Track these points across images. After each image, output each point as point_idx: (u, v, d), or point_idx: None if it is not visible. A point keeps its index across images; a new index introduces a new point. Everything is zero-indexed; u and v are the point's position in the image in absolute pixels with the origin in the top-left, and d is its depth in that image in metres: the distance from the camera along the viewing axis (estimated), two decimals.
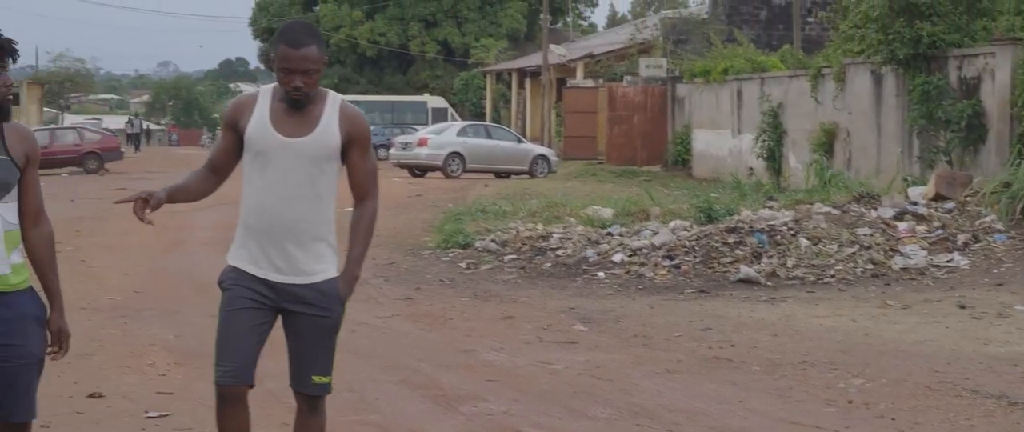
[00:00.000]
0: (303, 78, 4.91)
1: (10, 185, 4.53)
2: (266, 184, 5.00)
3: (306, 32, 4.96)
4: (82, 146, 41.78)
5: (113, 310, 12.06)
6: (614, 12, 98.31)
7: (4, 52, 4.48)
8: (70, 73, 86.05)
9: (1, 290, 4.50)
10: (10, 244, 4.54)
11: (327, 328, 5.10)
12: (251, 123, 5.02)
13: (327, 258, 5.07)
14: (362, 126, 5.08)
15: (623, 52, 45.01)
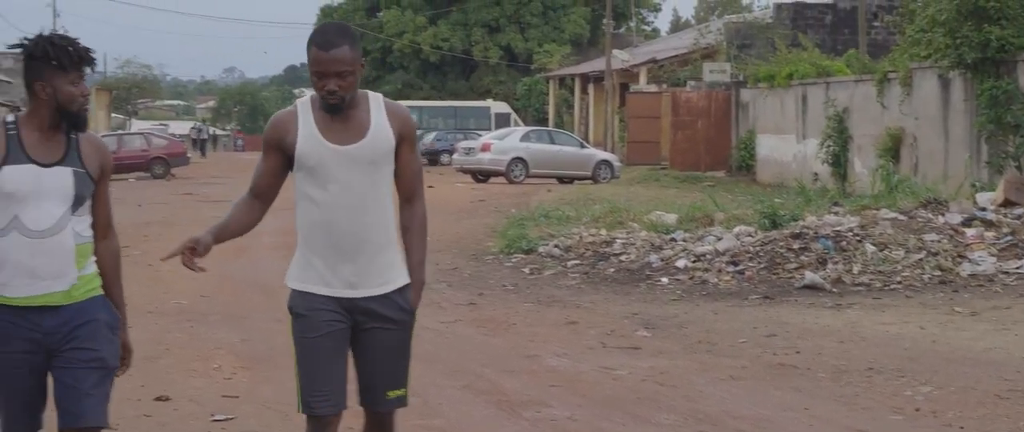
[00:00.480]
0: (337, 81, 4.68)
1: (84, 198, 4.50)
2: (328, 198, 4.76)
3: (337, 32, 4.73)
4: (149, 151, 42.20)
5: (180, 314, 12.16)
6: (677, 17, 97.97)
7: (82, 61, 4.48)
8: (137, 79, 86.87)
9: (65, 304, 4.48)
10: (81, 258, 4.51)
11: (403, 338, 4.90)
12: (299, 139, 4.77)
13: (397, 264, 4.87)
14: (411, 123, 4.91)
15: (687, 57, 44.85)
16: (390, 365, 4.89)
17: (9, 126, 4.46)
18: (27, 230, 4.39)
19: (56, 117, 4.46)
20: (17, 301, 4.42)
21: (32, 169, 4.41)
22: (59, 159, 4.46)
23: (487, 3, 65.09)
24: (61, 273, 4.44)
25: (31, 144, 4.44)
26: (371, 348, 4.88)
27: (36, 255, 4.40)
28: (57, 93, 4.43)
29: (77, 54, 4.45)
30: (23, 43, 4.48)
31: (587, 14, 66.07)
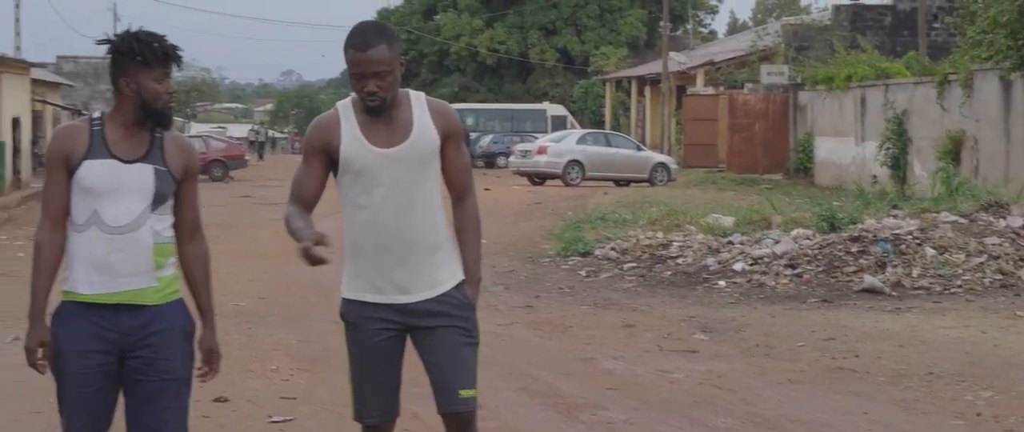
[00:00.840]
0: (376, 82, 4.59)
1: (165, 197, 4.47)
2: (376, 202, 4.68)
3: (375, 32, 4.65)
4: (208, 154, 42.50)
5: (238, 315, 12.23)
6: (735, 19, 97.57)
7: (168, 57, 4.46)
8: (196, 82, 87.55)
9: (143, 303, 4.45)
10: (159, 257, 4.48)
11: (465, 336, 4.77)
12: (343, 142, 4.69)
13: (448, 264, 4.77)
14: (455, 120, 4.79)
15: (744, 59, 44.67)
16: (457, 362, 4.76)
17: (95, 122, 4.47)
18: (106, 226, 4.38)
19: (140, 114, 4.45)
20: (94, 298, 4.40)
21: (112, 164, 4.40)
22: (141, 156, 4.44)
23: (544, 6, 65.13)
24: (138, 271, 4.42)
25: (114, 140, 4.43)
26: (434, 347, 4.76)
27: (114, 251, 4.38)
28: (141, 90, 4.42)
29: (162, 50, 4.43)
30: (110, 39, 4.47)
31: (644, 16, 65.94)
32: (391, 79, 4.61)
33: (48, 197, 4.46)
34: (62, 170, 4.42)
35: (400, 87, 4.73)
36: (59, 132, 4.50)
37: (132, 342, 4.43)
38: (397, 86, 4.67)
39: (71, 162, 4.41)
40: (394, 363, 4.83)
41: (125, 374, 4.47)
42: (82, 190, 4.39)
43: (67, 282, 4.45)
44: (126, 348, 4.43)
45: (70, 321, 4.42)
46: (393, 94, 4.65)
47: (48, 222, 4.44)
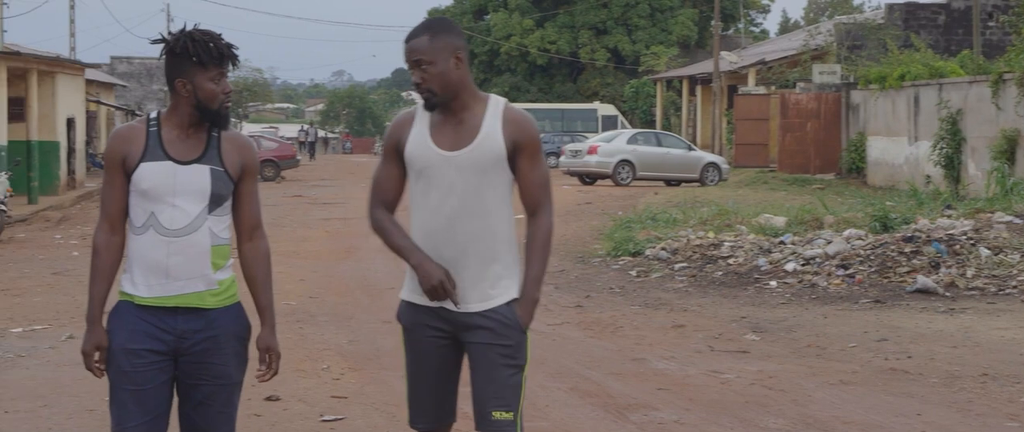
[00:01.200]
0: (419, 72, 4.52)
1: (222, 198, 4.43)
2: (431, 204, 4.57)
3: (424, 24, 4.59)
4: (259, 154, 42.66)
5: (289, 315, 12.29)
6: (787, 18, 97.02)
7: (223, 57, 4.41)
8: (248, 83, 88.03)
9: (200, 306, 4.43)
10: (218, 259, 4.45)
11: (507, 357, 4.59)
12: (409, 140, 4.61)
13: (504, 280, 4.61)
14: (529, 131, 4.59)
15: (796, 58, 44.42)
16: (494, 382, 4.59)
17: (151, 123, 4.44)
18: (163, 228, 4.35)
19: (196, 115, 4.41)
20: (151, 301, 4.38)
21: (168, 166, 4.36)
22: (197, 157, 4.40)
23: (594, 5, 65.06)
24: (196, 274, 4.39)
25: (170, 141, 4.39)
26: (476, 363, 4.63)
27: (172, 254, 4.35)
28: (197, 90, 4.38)
29: (218, 50, 4.38)
30: (165, 39, 4.43)
31: (695, 16, 65.75)
32: (433, 70, 4.52)
33: (106, 199, 4.44)
34: (120, 172, 4.40)
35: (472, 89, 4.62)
36: (116, 134, 4.48)
37: (188, 345, 4.41)
38: (447, 81, 4.54)
39: (128, 164, 4.38)
40: (448, 371, 4.72)
41: (179, 376, 4.46)
42: (139, 192, 4.37)
43: (125, 283, 4.44)
44: (181, 350, 4.42)
45: (126, 321, 4.40)
46: (444, 88, 4.54)
47: (106, 224, 4.43)
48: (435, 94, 4.55)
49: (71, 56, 46.92)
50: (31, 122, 30.80)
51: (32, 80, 30.71)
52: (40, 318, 12.31)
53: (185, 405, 4.50)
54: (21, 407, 8.27)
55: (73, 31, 50.72)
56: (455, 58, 4.55)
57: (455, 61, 4.55)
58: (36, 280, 15.61)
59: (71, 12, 50.77)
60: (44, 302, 13.55)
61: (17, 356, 10.21)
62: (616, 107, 59.12)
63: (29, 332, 11.48)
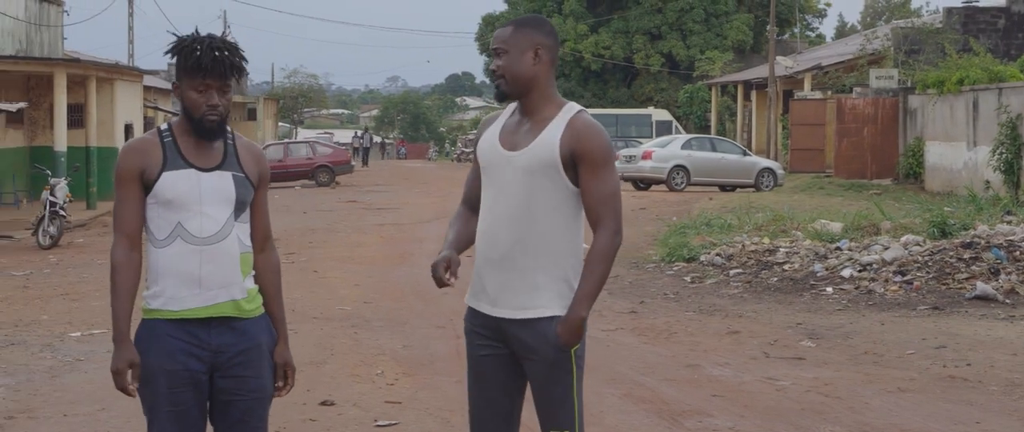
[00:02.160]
0: (496, 60, 4.47)
1: (245, 204, 4.37)
2: (487, 202, 4.51)
3: (519, 17, 4.57)
4: (314, 160, 42.91)
5: (344, 320, 12.33)
6: (843, 22, 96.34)
7: (203, 69, 4.28)
8: (303, 89, 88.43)
9: (235, 316, 4.36)
10: (245, 267, 4.38)
11: (552, 375, 4.45)
12: (483, 138, 4.58)
13: (545, 292, 4.43)
14: (592, 142, 4.41)
15: (852, 63, 44.12)
16: (545, 403, 4.49)
17: (164, 134, 4.37)
18: (192, 237, 4.27)
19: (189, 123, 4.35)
20: (184, 313, 4.29)
21: (192, 174, 4.30)
22: (218, 164, 4.34)
23: (649, 10, 64.90)
24: (228, 282, 4.31)
25: (188, 150, 4.33)
26: (530, 381, 4.53)
27: (203, 263, 4.27)
28: (183, 96, 4.33)
29: (196, 62, 4.27)
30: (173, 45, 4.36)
31: (750, 20, 65.45)
32: (506, 58, 4.46)
33: (122, 215, 4.32)
34: (136, 186, 4.30)
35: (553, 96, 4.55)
36: (129, 147, 4.36)
37: (224, 360, 4.33)
38: (518, 73, 4.48)
39: (147, 177, 4.29)
40: (501, 382, 4.57)
41: (215, 392, 4.37)
42: (163, 203, 4.28)
43: (152, 299, 4.34)
44: (217, 366, 4.34)
45: (159, 340, 4.29)
46: (513, 78, 4.48)
47: (124, 241, 4.32)
48: (506, 82, 4.48)
49: (129, 63, 47.32)
50: (90, 128, 31.11)
51: (91, 87, 31.02)
52: (98, 322, 12.42)
53: (221, 422, 4.41)
54: (80, 411, 8.35)
55: (131, 38, 51.14)
56: (534, 53, 4.48)
57: (533, 56, 4.48)
58: (94, 284, 15.75)
59: (129, 19, 51.19)
60: (102, 306, 13.67)
61: (76, 360, 10.31)
62: (670, 112, 58.90)
63: (87, 336, 11.59)
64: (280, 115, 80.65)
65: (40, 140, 32.60)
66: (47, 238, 21.38)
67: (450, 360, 10.13)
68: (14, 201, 30.49)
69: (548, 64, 4.52)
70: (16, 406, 8.51)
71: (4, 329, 12.06)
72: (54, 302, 14.16)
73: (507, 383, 4.58)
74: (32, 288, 15.58)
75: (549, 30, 4.56)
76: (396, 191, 38.16)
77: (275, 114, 75.03)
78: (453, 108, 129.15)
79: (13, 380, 9.44)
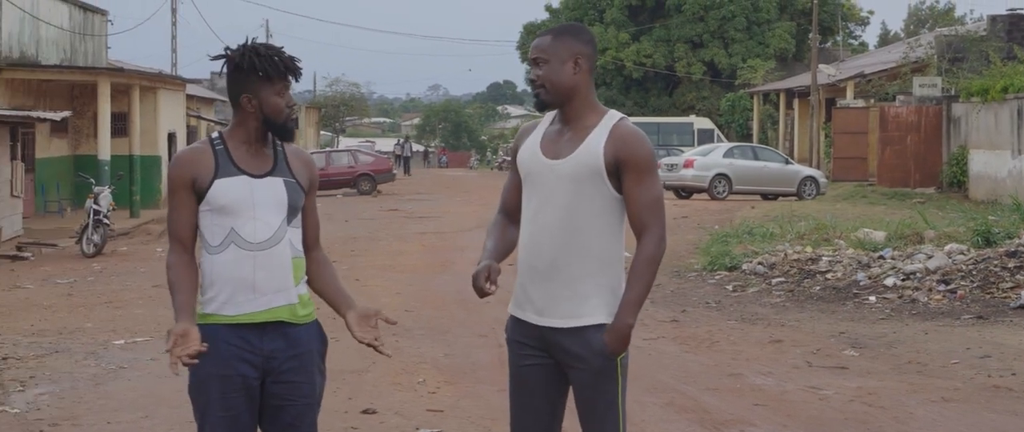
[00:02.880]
0: (535, 69, 4.45)
1: (296, 209, 4.41)
2: (530, 213, 4.48)
3: (556, 26, 4.53)
4: (356, 168, 43.03)
5: (385, 328, 12.30)
6: (886, 30, 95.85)
7: (288, 70, 4.37)
8: (345, 97, 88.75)
9: (289, 321, 4.38)
10: (298, 272, 4.42)
11: (598, 384, 4.42)
12: (524, 146, 4.56)
13: (592, 300, 4.41)
14: (636, 149, 4.39)
15: (895, 71, 43.86)
16: (586, 411, 4.47)
17: (215, 141, 4.40)
18: (245, 242, 4.30)
19: (262, 130, 4.39)
20: (239, 319, 4.31)
21: (244, 180, 4.33)
22: (269, 170, 4.38)
23: (690, 19, 64.80)
24: (282, 287, 4.35)
25: (240, 157, 4.36)
26: (574, 391, 4.50)
27: (257, 268, 4.30)
28: (263, 105, 4.35)
29: (282, 63, 4.35)
30: (227, 54, 4.39)
31: (792, 28, 65.22)
32: (547, 70, 4.44)
33: (176, 222, 4.37)
34: (188, 194, 4.34)
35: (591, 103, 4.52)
36: (182, 156, 4.41)
37: (276, 365, 4.35)
38: (558, 82, 4.45)
39: (199, 184, 4.32)
40: (543, 392, 4.54)
41: (266, 398, 4.38)
42: (216, 210, 4.32)
43: (206, 305, 4.36)
44: (269, 371, 4.35)
45: (213, 345, 4.28)
46: (554, 88, 4.46)
47: (178, 246, 4.37)
48: (546, 92, 4.47)
49: (172, 72, 47.63)
50: (133, 137, 31.33)
51: (135, 96, 31.24)
52: (141, 330, 12.50)
53: (272, 427, 4.42)
54: (123, 418, 8.40)
55: (174, 47, 51.49)
56: (574, 62, 4.46)
57: (573, 65, 4.46)
58: (137, 292, 15.85)
59: (173, 29, 51.55)
60: (145, 314, 13.75)
61: (119, 367, 10.38)
62: (712, 120, 58.78)
63: (131, 344, 11.66)
64: (322, 124, 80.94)
65: (84, 149, 32.86)
66: (91, 246, 21.55)
67: (492, 368, 10.13)
68: (58, 209, 30.73)
69: (588, 72, 4.51)
70: (61, 413, 8.57)
71: (49, 337, 12.15)
72: (98, 310, 14.26)
73: (550, 393, 4.55)
74: (76, 296, 15.70)
75: (588, 38, 4.55)
76: (437, 199, 38.22)
77: (317, 123, 75.29)
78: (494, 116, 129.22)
79: (58, 387, 9.51)
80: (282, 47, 4.44)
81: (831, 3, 63.81)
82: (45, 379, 9.84)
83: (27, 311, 14.03)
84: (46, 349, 11.29)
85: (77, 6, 34.32)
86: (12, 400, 9.01)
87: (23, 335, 12.27)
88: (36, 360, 10.70)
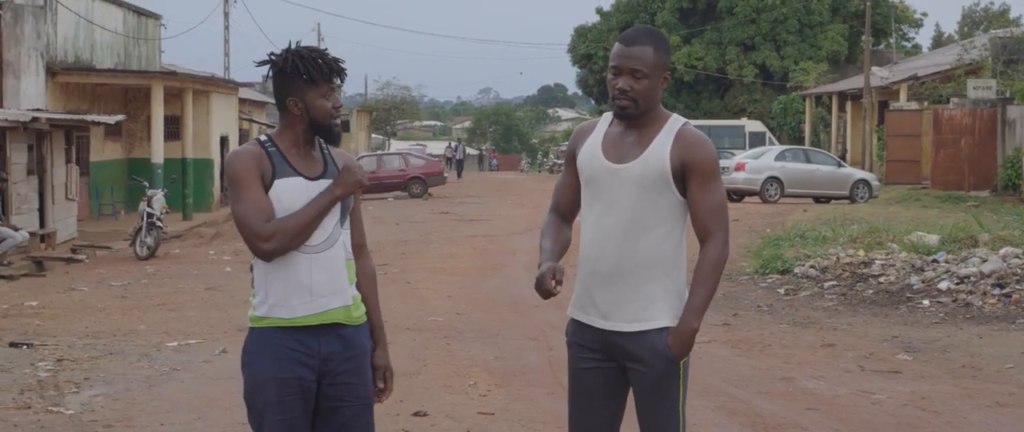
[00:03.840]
0: (630, 80, 4.39)
1: (347, 211, 4.40)
2: (594, 217, 4.46)
3: (646, 32, 4.49)
4: (407, 171, 43.13)
5: (436, 331, 12.38)
6: (940, 32, 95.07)
7: (333, 72, 4.36)
8: (396, 100, 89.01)
9: (344, 323, 4.37)
10: (351, 274, 4.42)
11: (661, 387, 4.42)
12: (583, 149, 4.52)
13: (657, 304, 4.42)
14: (701, 153, 4.41)
15: (949, 73, 43.52)
16: (647, 415, 4.46)
17: (267, 144, 4.38)
18: (304, 245, 4.29)
19: (309, 133, 4.38)
20: (296, 321, 4.29)
21: (301, 182, 4.31)
22: (321, 173, 4.37)
23: (742, 21, 64.57)
24: (338, 289, 4.34)
25: (293, 159, 4.35)
26: (635, 395, 4.48)
27: (314, 271, 4.29)
28: (309, 108, 4.34)
29: (326, 66, 4.34)
30: (271, 59, 4.39)
31: (845, 31, 64.84)
32: (646, 84, 4.41)
33: (253, 205, 4.26)
34: (260, 184, 4.28)
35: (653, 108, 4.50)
36: (241, 153, 4.36)
37: (332, 367, 4.34)
38: (652, 98, 4.45)
39: (264, 180, 4.30)
40: (603, 396, 4.52)
41: (321, 399, 4.37)
42: (278, 211, 4.27)
43: (261, 308, 4.34)
44: (325, 374, 4.34)
45: (271, 349, 4.30)
46: (646, 104, 4.44)
47: (262, 222, 4.24)
48: (637, 106, 4.44)
49: (225, 75, 47.94)
50: (186, 140, 31.57)
51: (187, 99, 31.48)
52: (194, 332, 12.58)
53: (327, 428, 4.41)
54: (176, 420, 8.46)
55: (227, 51, 51.83)
56: (664, 78, 4.48)
57: (663, 80, 4.48)
58: (190, 295, 15.96)
59: (225, 32, 51.90)
60: (198, 317, 13.85)
61: (172, 369, 10.45)
62: (764, 123, 58.49)
63: (184, 346, 11.74)
64: (373, 127, 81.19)
65: (137, 152, 33.15)
66: (144, 249, 21.73)
67: (542, 372, 10.13)
68: (112, 212, 31.02)
69: None
70: (114, 415, 8.65)
71: (103, 338, 12.26)
72: (151, 312, 14.37)
73: (609, 396, 4.54)
74: (130, 298, 15.83)
75: (669, 48, 4.55)
76: (488, 202, 38.25)
77: (368, 126, 75.53)
78: (545, 119, 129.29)
79: (111, 389, 9.59)
80: (327, 49, 4.43)
81: (884, 5, 63.34)
82: (99, 381, 9.93)
83: (82, 313, 14.16)
84: (100, 351, 11.39)
85: (131, 10, 34.63)
86: (67, 401, 9.10)
87: (78, 337, 12.39)
88: (90, 362, 10.80)
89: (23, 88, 26.77)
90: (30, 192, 23.90)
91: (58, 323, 13.56)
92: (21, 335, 12.48)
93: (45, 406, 8.89)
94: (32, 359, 10.89)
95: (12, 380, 9.88)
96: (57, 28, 28.65)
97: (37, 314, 14.42)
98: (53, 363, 10.69)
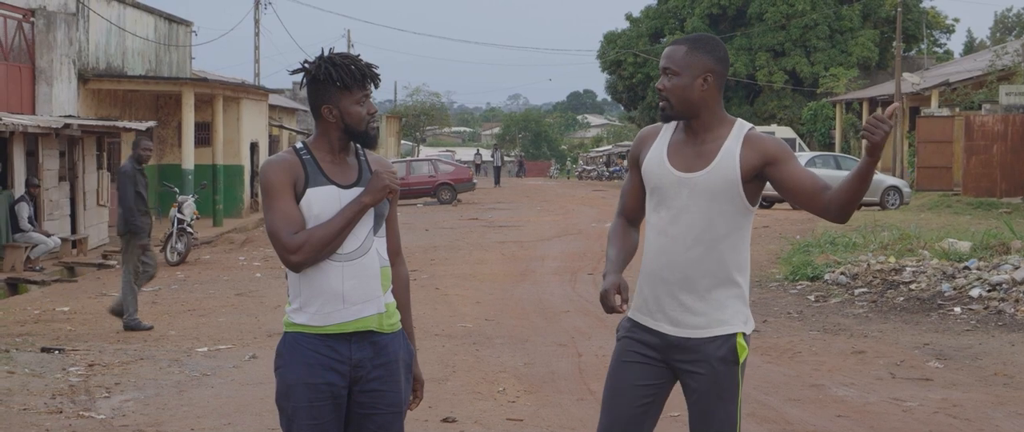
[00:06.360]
0: (664, 79, 4.43)
1: (382, 218, 4.40)
2: (661, 224, 4.45)
3: (687, 37, 4.49)
4: (436, 178, 43.18)
5: (465, 337, 12.38)
6: (972, 38, 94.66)
7: (366, 78, 4.37)
8: (426, 107, 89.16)
9: (377, 330, 4.37)
10: (385, 282, 4.41)
11: (718, 390, 4.45)
12: (648, 156, 4.53)
13: (730, 308, 4.47)
14: (775, 145, 4.42)
15: (981, 79, 43.32)
16: (701, 416, 4.47)
17: (302, 151, 4.38)
18: (336, 253, 4.29)
19: (345, 139, 4.39)
20: (329, 329, 4.29)
21: (333, 190, 4.31)
22: (355, 181, 4.36)
23: (772, 27, 64.41)
24: (370, 296, 4.33)
25: (327, 167, 4.35)
26: (691, 395, 4.49)
27: (346, 278, 4.29)
28: (344, 115, 4.34)
29: (360, 72, 4.34)
30: (304, 67, 4.39)
31: (875, 37, 64.61)
32: (676, 82, 4.41)
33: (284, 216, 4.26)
34: (292, 192, 4.30)
35: (717, 113, 4.49)
36: (276, 161, 4.36)
37: (362, 374, 4.35)
38: (685, 97, 4.44)
39: (297, 190, 4.31)
40: (640, 391, 4.51)
41: (352, 406, 4.38)
42: (307, 219, 4.27)
43: (295, 315, 4.36)
44: (356, 380, 4.35)
45: (302, 354, 4.31)
46: (679, 103, 4.44)
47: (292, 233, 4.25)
48: (671, 106, 4.46)
49: (255, 82, 48.10)
50: (216, 146, 31.70)
51: (218, 106, 31.62)
52: (224, 338, 12.62)
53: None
54: (206, 425, 8.48)
55: (257, 57, 51.98)
56: (703, 79, 4.44)
57: (702, 81, 4.43)
58: (221, 301, 16.02)
59: (256, 39, 52.06)
60: (228, 322, 13.89)
61: (202, 375, 10.48)
62: (794, 130, 58.36)
63: (214, 351, 11.78)
64: (403, 133, 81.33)
65: (168, 158, 33.30)
66: (175, 255, 21.82)
67: (572, 378, 10.12)
68: None
69: (716, 88, 4.48)
70: (145, 420, 8.68)
71: (134, 344, 12.32)
72: (182, 317, 14.43)
73: (647, 386, 4.52)
74: (160, 304, 15.90)
75: (722, 54, 4.51)
76: (517, 209, 38.25)
77: (397, 132, 75.68)
78: (574, 126, 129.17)
79: (142, 394, 9.63)
80: (359, 55, 4.43)
81: (916, 11, 63.13)
82: (130, 386, 9.98)
83: (113, 318, 14.23)
84: (131, 356, 11.44)
85: (162, 17, 34.80)
86: (98, 406, 9.14)
87: (109, 342, 12.46)
88: (121, 367, 10.85)
89: (55, 95, 26.94)
90: (62, 198, 24.04)
91: (89, 328, 13.64)
92: (53, 340, 12.56)
93: (77, 411, 8.93)
94: (64, 364, 10.95)
95: (44, 385, 9.93)
96: (89, 35, 28.81)
97: (69, 319, 14.51)
98: (84, 368, 10.74)
